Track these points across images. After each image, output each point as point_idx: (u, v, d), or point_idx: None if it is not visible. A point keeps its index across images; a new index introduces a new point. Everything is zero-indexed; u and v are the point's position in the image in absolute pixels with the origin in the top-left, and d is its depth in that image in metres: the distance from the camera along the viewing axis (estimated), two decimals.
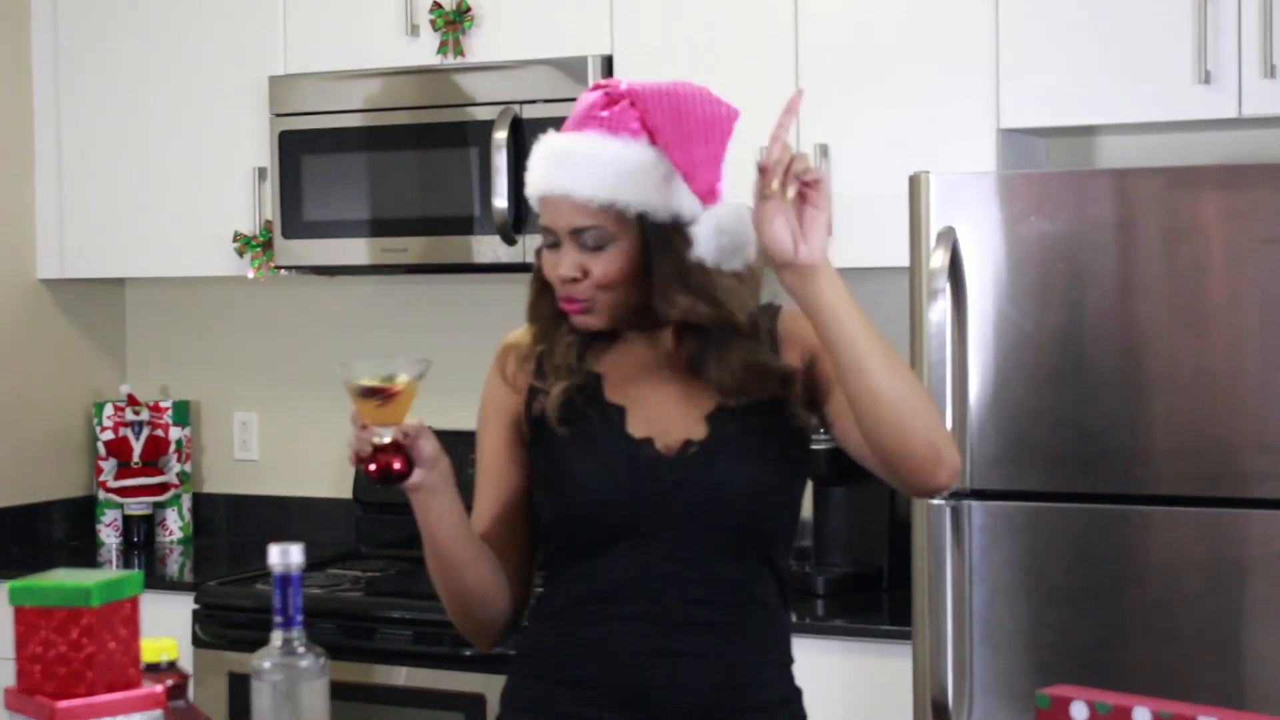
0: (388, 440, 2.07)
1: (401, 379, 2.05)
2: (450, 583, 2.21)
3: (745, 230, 2.09)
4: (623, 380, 2.22)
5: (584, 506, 2.18)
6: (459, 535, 2.17)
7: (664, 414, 2.19)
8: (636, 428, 2.18)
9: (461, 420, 3.05)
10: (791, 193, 1.97)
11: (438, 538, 2.16)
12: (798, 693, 2.27)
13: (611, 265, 2.13)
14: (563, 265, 2.15)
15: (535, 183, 2.19)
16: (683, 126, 2.13)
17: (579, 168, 2.13)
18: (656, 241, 2.13)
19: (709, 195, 2.13)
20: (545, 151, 2.18)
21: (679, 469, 2.15)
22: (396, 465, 2.07)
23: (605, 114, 2.15)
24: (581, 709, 2.17)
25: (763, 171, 1.99)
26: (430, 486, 2.11)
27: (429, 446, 2.09)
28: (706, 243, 2.09)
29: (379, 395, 2.05)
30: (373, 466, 2.07)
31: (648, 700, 2.14)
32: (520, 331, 2.31)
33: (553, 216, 2.16)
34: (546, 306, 2.23)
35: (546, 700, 2.21)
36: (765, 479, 2.18)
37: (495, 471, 2.26)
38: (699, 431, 2.17)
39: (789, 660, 2.27)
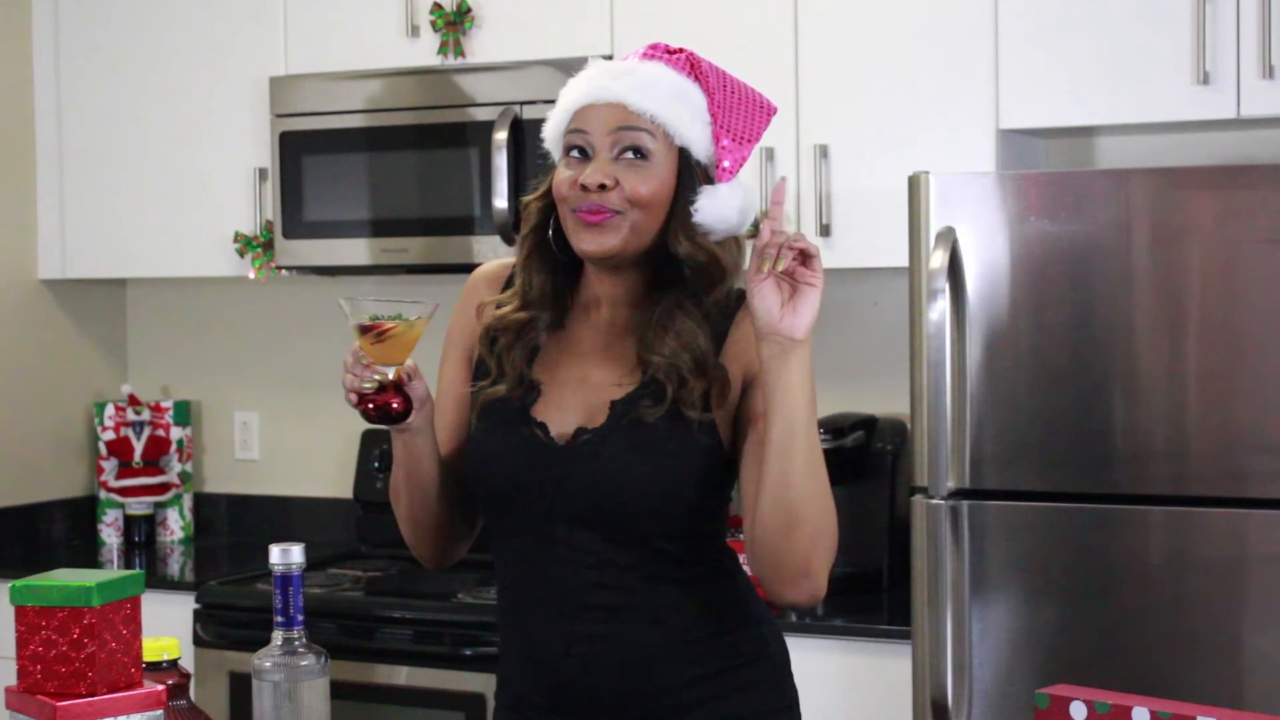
0: (391, 377, 2.06)
1: (410, 316, 2.04)
2: (419, 510, 2.22)
3: (749, 211, 2.14)
4: (558, 351, 2.20)
5: (483, 486, 2.19)
6: (437, 470, 2.19)
7: (573, 397, 2.17)
8: (542, 410, 2.16)
9: None
10: (783, 265, 1.99)
11: (418, 473, 2.18)
12: (751, 658, 2.20)
13: (646, 183, 2.10)
14: (593, 172, 2.10)
15: (579, 94, 2.14)
16: (732, 99, 2.15)
17: (637, 83, 2.12)
18: (688, 179, 2.12)
19: (729, 173, 2.14)
20: (598, 68, 2.16)
21: (566, 459, 2.13)
22: (395, 405, 2.07)
23: (668, 56, 2.16)
24: (515, 704, 2.22)
25: (757, 252, 2.00)
26: (419, 427, 2.13)
27: (421, 388, 2.11)
28: (710, 210, 2.11)
29: (386, 332, 2.04)
30: (371, 405, 2.06)
31: (564, 690, 2.15)
32: (498, 266, 2.28)
33: (598, 122, 2.12)
34: (541, 276, 2.18)
35: (508, 692, 2.25)
36: (650, 472, 2.11)
37: (455, 400, 2.25)
38: (598, 419, 2.14)
39: (729, 629, 2.19)
